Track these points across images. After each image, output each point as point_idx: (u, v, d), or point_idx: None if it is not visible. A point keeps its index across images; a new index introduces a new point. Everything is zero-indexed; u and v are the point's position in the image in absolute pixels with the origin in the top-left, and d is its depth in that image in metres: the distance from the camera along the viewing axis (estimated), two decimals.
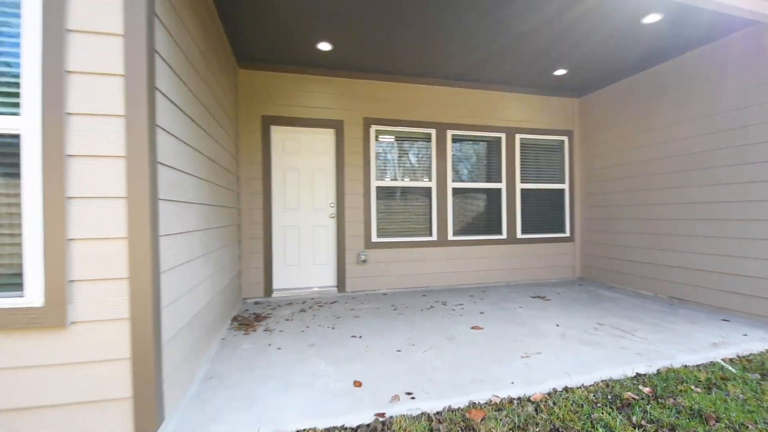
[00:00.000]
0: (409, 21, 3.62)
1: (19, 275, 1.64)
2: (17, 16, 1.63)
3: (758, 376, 2.56)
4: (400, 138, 5.09)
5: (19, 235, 1.63)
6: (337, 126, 4.80)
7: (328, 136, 4.83)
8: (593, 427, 1.95)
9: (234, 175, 4.17)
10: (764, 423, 2.00)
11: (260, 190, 4.57)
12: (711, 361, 2.76)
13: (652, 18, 3.61)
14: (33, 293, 1.64)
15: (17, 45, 1.62)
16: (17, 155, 1.61)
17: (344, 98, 4.82)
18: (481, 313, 3.98)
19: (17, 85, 1.62)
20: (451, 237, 5.19)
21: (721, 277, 3.87)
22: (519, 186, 5.48)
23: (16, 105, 1.62)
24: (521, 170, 5.51)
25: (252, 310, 4.14)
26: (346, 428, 1.94)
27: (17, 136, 1.61)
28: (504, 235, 5.41)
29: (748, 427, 1.95)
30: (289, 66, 4.60)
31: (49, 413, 1.66)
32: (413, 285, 5.04)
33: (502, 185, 5.42)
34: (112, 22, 1.67)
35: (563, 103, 5.73)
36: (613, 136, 5.19)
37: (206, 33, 2.98)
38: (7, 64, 1.63)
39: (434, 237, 5.12)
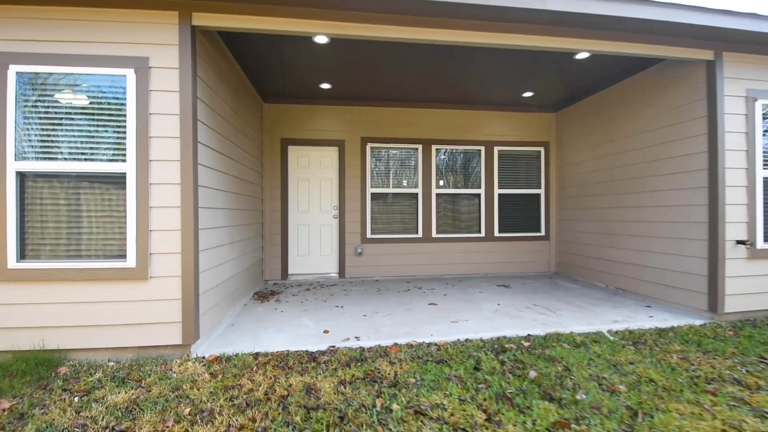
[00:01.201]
0: (384, 69, 4.70)
1: (124, 250, 2.94)
2: (124, 104, 2.94)
3: (629, 343, 3.36)
4: (391, 152, 6.16)
5: (124, 228, 2.94)
6: (340, 144, 5.97)
7: (332, 152, 6.02)
8: (467, 359, 2.93)
9: (258, 185, 5.47)
10: (595, 366, 2.85)
11: (279, 196, 5.85)
12: (597, 331, 3.58)
13: (582, 55, 4.40)
14: (131, 260, 2.93)
15: (125, 122, 2.93)
16: (124, 184, 2.92)
17: (345, 122, 5.98)
18: (445, 295, 4.96)
19: (124, 144, 2.92)
20: (434, 235, 6.17)
21: (651, 270, 4.55)
22: (497, 191, 6.34)
23: (124, 155, 2.92)
24: (499, 178, 6.36)
25: (270, 288, 5.42)
26: (309, 351, 3.08)
27: (124, 174, 2.92)
28: (482, 234, 6.30)
29: (574, 364, 2.84)
30: (300, 99, 5.84)
31: (136, 328, 2.95)
32: (401, 274, 6.09)
33: (481, 191, 6.31)
34: (172, 108, 2.93)
35: (540, 117, 6.49)
36: (580, 146, 5.90)
37: (235, 92, 4.26)
38: (118, 133, 2.94)
39: (420, 234, 6.14)
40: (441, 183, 6.27)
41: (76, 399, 2.41)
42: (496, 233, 6.33)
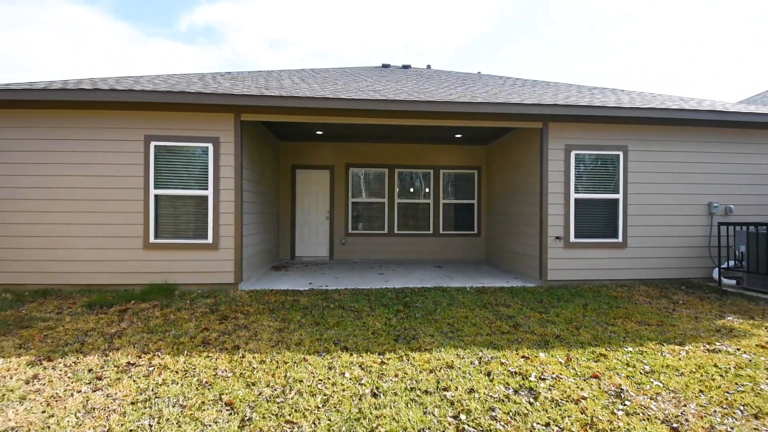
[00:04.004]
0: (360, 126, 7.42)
1: (206, 234, 5.80)
2: (207, 161, 5.80)
3: (476, 292, 5.94)
4: (366, 174, 8.88)
5: (206, 223, 5.80)
6: (331, 168, 8.75)
7: (325, 174, 8.81)
8: (379, 294, 5.61)
9: (276, 196, 8.32)
10: (441, 298, 5.47)
11: (289, 204, 8.69)
12: (463, 287, 6.18)
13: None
14: (210, 238, 5.79)
15: (207, 169, 5.81)
16: (206, 201, 5.79)
17: (334, 153, 8.76)
18: (393, 270, 7.64)
19: (207, 181, 5.78)
20: (396, 231, 8.85)
21: (521, 255, 7.08)
22: (442, 201, 8.95)
23: (206, 186, 5.78)
24: (443, 192, 8.97)
25: (282, 264, 8.26)
26: (298, 290, 5.85)
27: (206, 196, 5.79)
28: (431, 232, 8.92)
29: (431, 297, 5.47)
30: (305, 138, 8.66)
31: (211, 274, 5.80)
32: (372, 258, 8.81)
33: (430, 201, 8.94)
34: (229, 162, 5.77)
35: (476, 149, 9.06)
36: (497, 171, 8.44)
37: (262, 142, 7.10)
38: (203, 175, 5.81)
39: (386, 231, 8.83)
40: (401, 195, 8.94)
41: (188, 301, 5.27)
42: (441, 231, 8.94)
